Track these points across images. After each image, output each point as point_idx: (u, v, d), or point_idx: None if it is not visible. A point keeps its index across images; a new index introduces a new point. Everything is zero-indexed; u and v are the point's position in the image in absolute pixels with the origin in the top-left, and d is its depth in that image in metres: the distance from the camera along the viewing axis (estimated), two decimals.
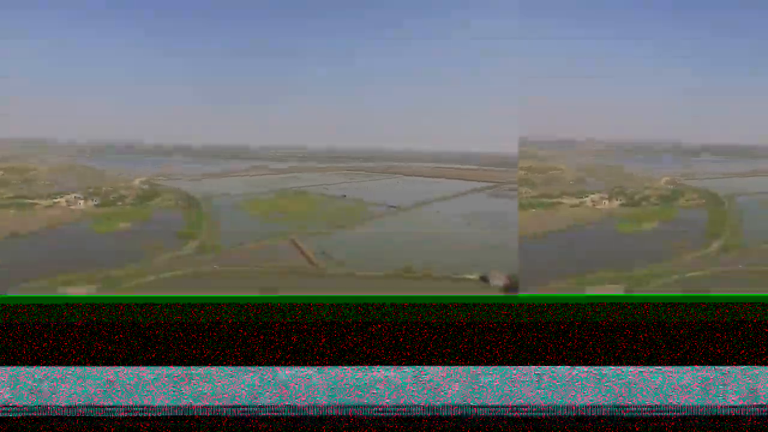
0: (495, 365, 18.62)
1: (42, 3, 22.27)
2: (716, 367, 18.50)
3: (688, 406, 17.60)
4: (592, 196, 25.33)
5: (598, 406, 17.87)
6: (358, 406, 17.82)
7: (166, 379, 18.76)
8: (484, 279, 27.44)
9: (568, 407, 17.61)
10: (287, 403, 18.22)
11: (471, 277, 28.88)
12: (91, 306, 19.25)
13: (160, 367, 18.29)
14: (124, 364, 18.18)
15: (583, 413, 17.63)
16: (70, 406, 17.66)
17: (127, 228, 31.01)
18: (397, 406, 18.15)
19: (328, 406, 17.83)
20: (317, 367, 18.53)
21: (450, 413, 17.64)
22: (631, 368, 19.47)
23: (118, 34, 24.65)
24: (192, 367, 18.70)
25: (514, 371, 18.77)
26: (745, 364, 18.44)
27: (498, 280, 25.29)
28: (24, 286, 23.51)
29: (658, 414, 17.53)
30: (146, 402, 18.23)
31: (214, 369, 18.47)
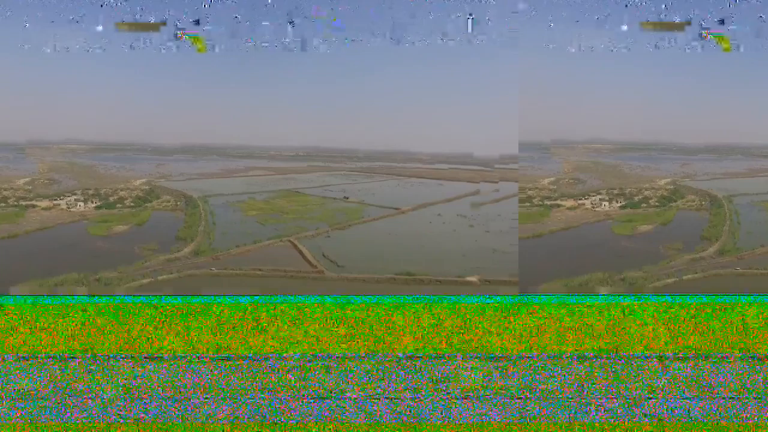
0: (495, 361, 18.49)
1: (41, 9, 22.21)
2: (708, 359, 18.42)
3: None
4: (592, 198, 25.27)
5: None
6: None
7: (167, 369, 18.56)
8: (484, 280, 27.20)
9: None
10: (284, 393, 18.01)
11: (472, 278, 28.64)
12: (89, 305, 19.07)
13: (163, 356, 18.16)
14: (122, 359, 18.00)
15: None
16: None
17: (125, 230, 30.84)
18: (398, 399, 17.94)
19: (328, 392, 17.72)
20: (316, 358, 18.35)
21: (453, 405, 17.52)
22: (627, 362, 19.31)
23: (117, 37, 24.52)
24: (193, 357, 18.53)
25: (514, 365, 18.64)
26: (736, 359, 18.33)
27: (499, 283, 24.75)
28: (23, 286, 23.25)
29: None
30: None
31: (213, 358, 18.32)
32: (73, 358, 20.97)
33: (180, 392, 19.76)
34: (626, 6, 31.75)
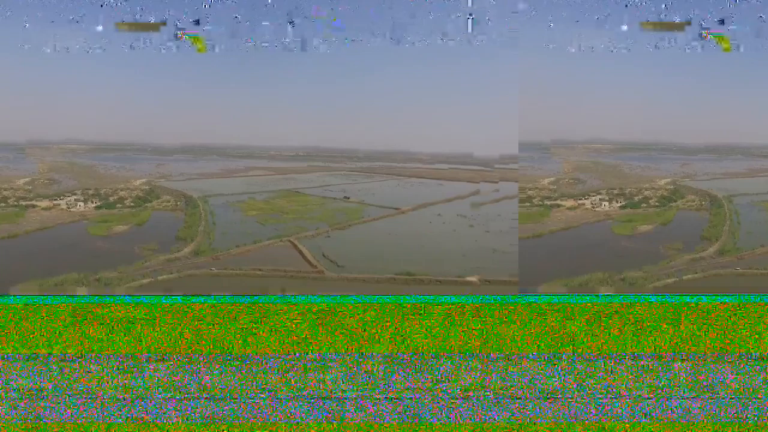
0: (495, 361, 18.53)
1: (41, 9, 22.25)
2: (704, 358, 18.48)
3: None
4: (592, 198, 25.22)
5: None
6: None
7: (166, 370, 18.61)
8: (484, 280, 27.19)
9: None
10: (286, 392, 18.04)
11: (472, 278, 28.66)
12: (89, 305, 19.10)
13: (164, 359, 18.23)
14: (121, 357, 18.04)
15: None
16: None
17: (125, 230, 30.79)
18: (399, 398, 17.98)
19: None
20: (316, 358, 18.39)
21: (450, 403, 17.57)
22: (622, 360, 19.35)
23: (117, 37, 24.52)
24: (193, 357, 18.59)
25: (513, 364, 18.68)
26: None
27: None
28: (24, 286, 23.27)
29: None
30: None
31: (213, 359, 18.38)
32: (73, 358, 20.99)
33: (180, 392, 19.76)
34: (626, 6, 31.76)
